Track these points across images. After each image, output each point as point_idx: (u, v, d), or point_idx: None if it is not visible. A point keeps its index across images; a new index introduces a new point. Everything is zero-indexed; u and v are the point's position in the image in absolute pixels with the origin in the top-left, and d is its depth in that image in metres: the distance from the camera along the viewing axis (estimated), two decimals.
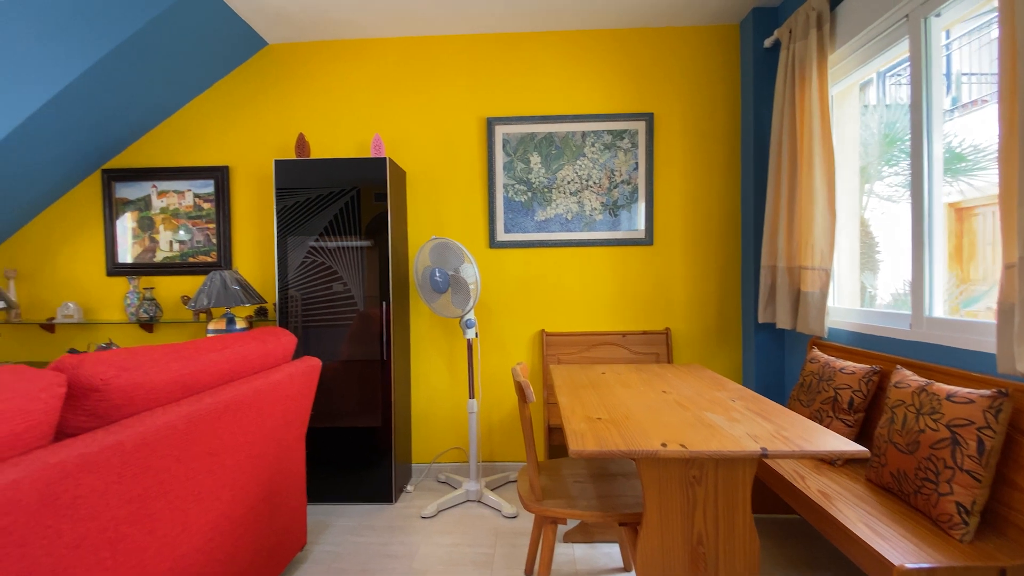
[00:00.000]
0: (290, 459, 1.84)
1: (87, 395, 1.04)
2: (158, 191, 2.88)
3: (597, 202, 2.79)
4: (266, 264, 2.88)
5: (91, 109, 2.52)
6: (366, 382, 2.51)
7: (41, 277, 2.98)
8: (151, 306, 2.77)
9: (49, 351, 2.98)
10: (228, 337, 1.59)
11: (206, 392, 1.37)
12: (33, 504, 0.83)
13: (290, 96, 2.84)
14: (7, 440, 0.87)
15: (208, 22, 2.47)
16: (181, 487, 1.22)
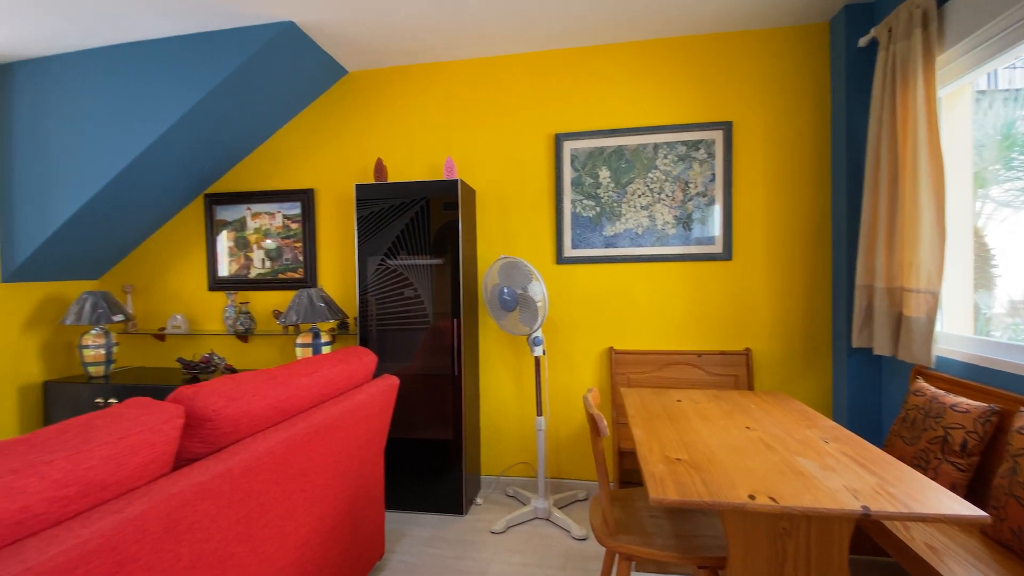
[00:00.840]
0: (371, 474, 1.94)
1: (201, 424, 1.15)
2: (252, 213, 3.13)
3: (670, 215, 2.70)
4: (346, 280, 3.05)
5: (195, 141, 2.79)
6: (437, 395, 2.58)
7: (153, 291, 3.34)
8: (246, 319, 3.02)
9: (160, 358, 3.33)
10: (316, 360, 1.70)
11: (299, 416, 1.47)
12: (158, 532, 0.93)
13: (369, 120, 2.99)
14: (136, 471, 0.98)
15: (294, 56, 2.65)
16: (278, 506, 1.31)
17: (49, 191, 2.77)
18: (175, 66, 2.57)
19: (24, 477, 0.79)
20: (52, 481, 0.82)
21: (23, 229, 2.81)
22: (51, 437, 0.88)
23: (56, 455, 0.84)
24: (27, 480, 0.79)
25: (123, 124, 2.66)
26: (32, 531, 0.79)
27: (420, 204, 2.56)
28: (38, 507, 0.80)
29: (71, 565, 0.77)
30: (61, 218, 2.75)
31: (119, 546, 0.85)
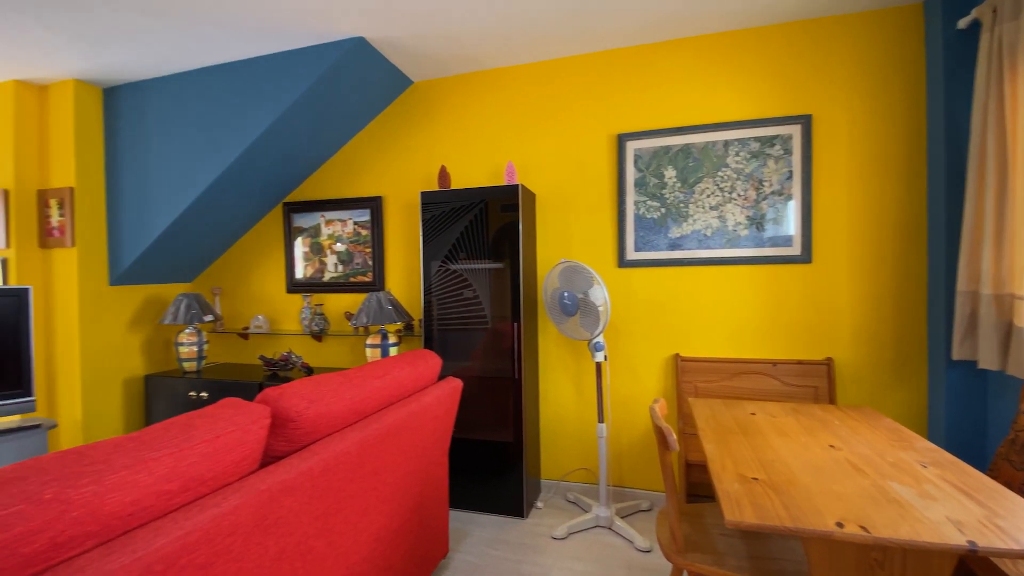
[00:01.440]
0: (436, 474, 1.99)
1: (285, 425, 1.23)
2: (326, 220, 3.31)
3: (742, 216, 2.56)
4: (411, 283, 3.15)
5: (275, 153, 2.98)
6: (497, 397, 2.61)
7: (238, 293, 3.61)
8: (321, 320, 3.20)
9: (244, 355, 3.59)
10: (387, 363, 1.76)
11: (372, 417, 1.53)
12: (249, 525, 1.00)
13: (433, 128, 3.07)
14: (230, 468, 1.06)
15: (364, 69, 2.76)
16: (353, 504, 1.38)
17: (149, 204, 3.06)
18: (258, 84, 2.76)
19: (136, 472, 0.87)
20: (159, 476, 0.90)
21: (128, 238, 3.13)
22: (158, 435, 0.97)
23: (162, 452, 0.93)
24: (138, 475, 0.87)
25: (212, 140, 2.89)
26: (141, 522, 0.87)
27: (482, 209, 2.60)
28: (147, 500, 0.88)
29: (175, 556, 0.84)
30: (160, 227, 3.04)
31: (215, 538, 0.92)
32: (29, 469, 0.79)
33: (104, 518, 0.80)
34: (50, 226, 3.05)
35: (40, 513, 0.73)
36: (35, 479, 0.76)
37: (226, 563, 0.95)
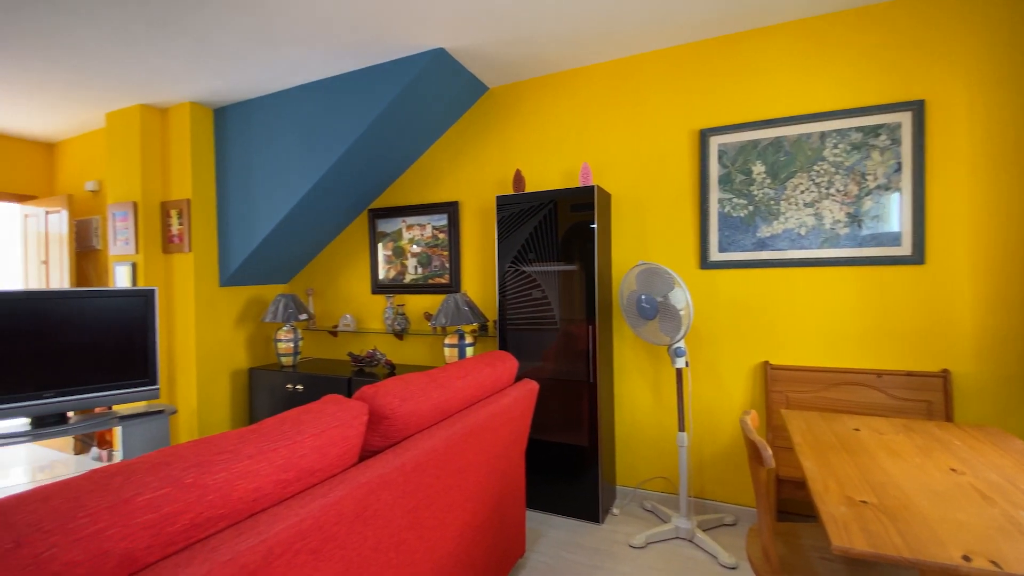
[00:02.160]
0: (514, 474, 2.02)
1: (381, 421, 1.31)
2: (406, 225, 3.46)
3: (841, 213, 2.37)
4: (486, 285, 3.21)
5: (361, 163, 3.16)
6: (571, 400, 2.60)
7: (328, 294, 3.86)
8: (402, 319, 3.35)
9: (334, 351, 3.84)
10: (468, 364, 1.81)
11: (456, 416, 1.58)
12: (351, 515, 1.07)
13: (507, 133, 3.11)
14: (335, 461, 1.14)
15: (443, 79, 2.86)
16: (440, 499, 1.43)
17: (253, 212, 3.36)
18: (347, 99, 2.95)
19: (258, 462, 0.96)
20: (277, 466, 0.99)
21: (235, 243, 3.45)
22: (274, 427, 1.06)
23: (279, 444, 1.02)
24: (260, 465, 0.96)
25: (307, 153, 3.12)
26: (263, 507, 0.97)
27: (555, 211, 2.60)
28: (267, 488, 0.97)
29: (291, 540, 0.92)
30: (262, 234, 3.33)
31: (324, 526, 1.00)
32: (172, 455, 0.89)
33: (233, 503, 0.90)
34: (171, 234, 3.44)
35: (182, 496, 0.83)
36: (178, 465, 0.86)
37: (332, 550, 1.02)
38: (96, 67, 2.82)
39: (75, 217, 3.92)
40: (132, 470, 0.82)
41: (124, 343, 2.95)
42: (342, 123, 2.97)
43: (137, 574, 0.75)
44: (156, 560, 0.78)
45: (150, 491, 0.79)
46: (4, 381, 2.61)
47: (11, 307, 2.63)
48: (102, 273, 3.88)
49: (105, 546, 0.71)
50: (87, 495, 0.74)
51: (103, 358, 2.89)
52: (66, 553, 0.67)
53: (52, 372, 2.74)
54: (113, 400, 2.92)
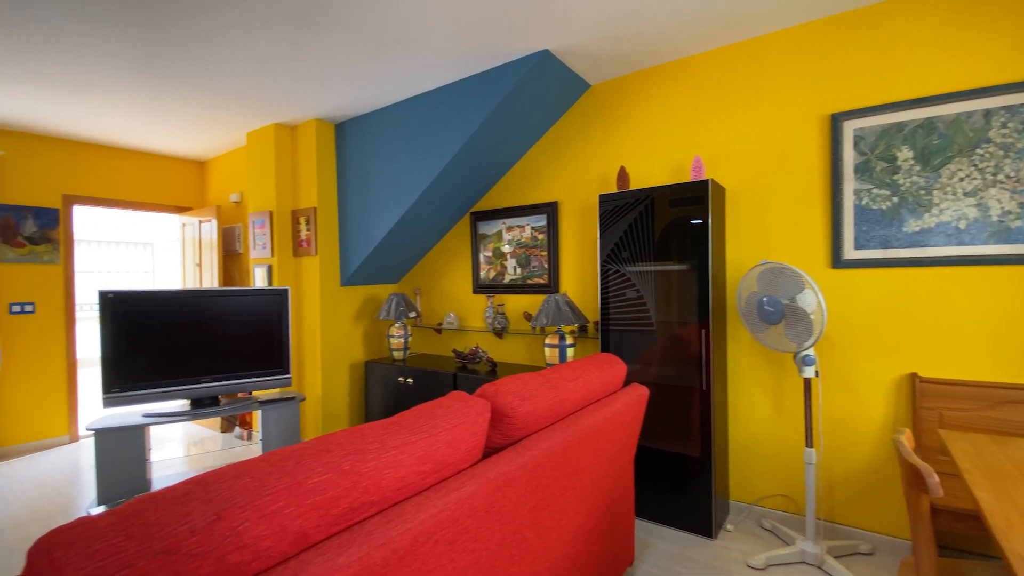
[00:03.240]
0: (625, 480, 1.97)
1: (502, 419, 1.34)
2: (506, 226, 3.53)
3: (1012, 203, 2.01)
4: (585, 285, 3.18)
5: (466, 169, 3.27)
6: (680, 408, 2.48)
7: (433, 293, 4.05)
8: (502, 319, 3.42)
9: (438, 347, 4.02)
10: (578, 366, 1.80)
11: (569, 419, 1.58)
12: (482, 510, 1.11)
13: (609, 130, 3.05)
14: (464, 456, 1.18)
15: (547, 80, 2.86)
16: (557, 500, 1.43)
17: (369, 218, 3.62)
18: (454, 108, 3.06)
19: (402, 453, 1.02)
20: (416, 458, 1.05)
21: (354, 247, 3.74)
22: (412, 421, 1.12)
23: (418, 437, 1.08)
24: (403, 455, 1.02)
25: (417, 161, 3.30)
26: (405, 496, 1.02)
27: (663, 208, 2.49)
28: (409, 478, 1.03)
29: (432, 530, 0.97)
30: (377, 238, 3.57)
31: (459, 519, 1.03)
32: (331, 442, 0.98)
33: (383, 490, 0.96)
34: (300, 239, 3.81)
35: (342, 481, 0.90)
36: (337, 452, 0.94)
37: (465, 542, 1.06)
38: (239, 93, 3.21)
39: (222, 225, 4.50)
40: (301, 455, 0.91)
41: (263, 336, 3.31)
42: (448, 132, 3.09)
43: (308, 550, 0.82)
44: (323, 539, 0.86)
45: (317, 475, 0.87)
46: (170, 367, 3.05)
47: (175, 304, 3.06)
48: (244, 274, 4.40)
49: (284, 523, 0.79)
50: (268, 476, 0.83)
51: (246, 349, 3.27)
52: (255, 527, 0.76)
53: (207, 360, 3.15)
54: (254, 386, 3.29)
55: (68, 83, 3.00)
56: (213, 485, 0.79)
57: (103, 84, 3.03)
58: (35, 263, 3.93)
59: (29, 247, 3.89)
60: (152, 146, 4.38)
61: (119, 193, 4.41)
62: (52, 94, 3.17)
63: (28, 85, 3.02)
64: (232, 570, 0.72)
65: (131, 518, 0.68)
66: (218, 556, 0.70)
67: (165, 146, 4.39)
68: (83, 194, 4.19)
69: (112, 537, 0.64)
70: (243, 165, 4.48)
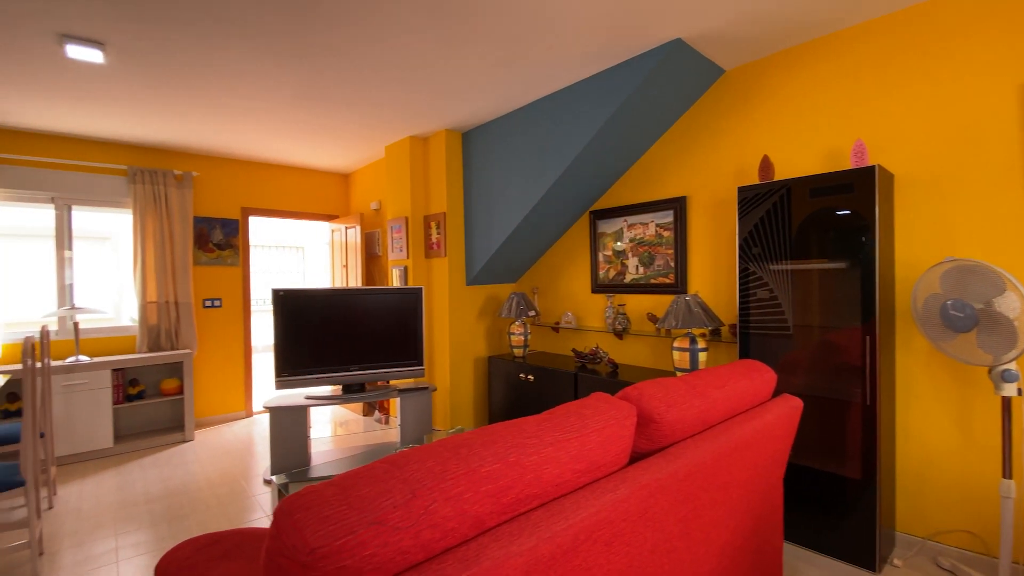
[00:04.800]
0: (773, 498, 1.82)
1: (647, 424, 1.31)
2: (628, 224, 3.45)
3: None
4: (717, 286, 2.98)
5: (586, 169, 3.25)
6: (837, 423, 2.22)
7: (550, 293, 4.10)
8: (623, 319, 3.36)
9: (555, 346, 4.06)
10: (722, 373, 1.70)
11: (717, 428, 1.50)
12: (636, 515, 1.10)
13: (748, 118, 2.83)
14: (613, 458, 1.17)
15: (678, 70, 2.74)
16: (706, 513, 1.37)
17: (493, 221, 3.77)
18: (577, 108, 3.07)
19: (559, 449, 1.05)
20: (571, 456, 1.07)
21: (478, 249, 3.92)
22: (563, 420, 1.15)
23: (571, 435, 1.10)
24: (560, 452, 1.05)
25: (539, 164, 3.35)
26: (562, 493, 1.05)
27: (816, 200, 2.25)
28: (565, 475, 1.05)
29: (590, 529, 0.98)
30: (500, 239, 3.70)
31: (614, 521, 1.04)
32: (493, 434, 1.04)
33: (543, 484, 1.00)
34: (431, 242, 4.09)
35: (509, 472, 0.95)
36: (501, 444, 1.00)
37: (619, 545, 1.06)
38: (380, 110, 3.53)
39: (364, 230, 4.99)
40: (470, 444, 0.97)
41: (400, 330, 3.61)
42: (571, 132, 3.10)
43: (484, 534, 0.88)
44: (495, 525, 0.91)
45: (488, 464, 0.93)
46: (326, 356, 3.44)
47: (330, 300, 3.45)
48: (383, 274, 4.84)
49: (465, 507, 0.86)
50: (448, 461, 0.90)
51: (386, 341, 3.58)
52: (442, 508, 0.83)
53: (355, 350, 3.51)
54: (392, 376, 3.59)
55: (244, 111, 3.54)
56: (405, 466, 0.87)
57: (271, 110, 3.53)
58: (221, 265, 4.70)
59: (217, 252, 4.67)
60: (307, 162, 5.01)
61: (282, 204, 5.11)
62: (232, 122, 3.76)
63: (215, 116, 3.62)
64: (425, 545, 0.80)
65: (347, 490, 0.79)
66: (416, 531, 0.78)
67: (317, 162, 4.98)
68: (256, 206, 4.92)
69: (337, 506, 0.75)
70: (382, 176, 4.92)
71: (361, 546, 0.72)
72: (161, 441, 4.10)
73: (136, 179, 4.16)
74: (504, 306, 3.87)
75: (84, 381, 3.73)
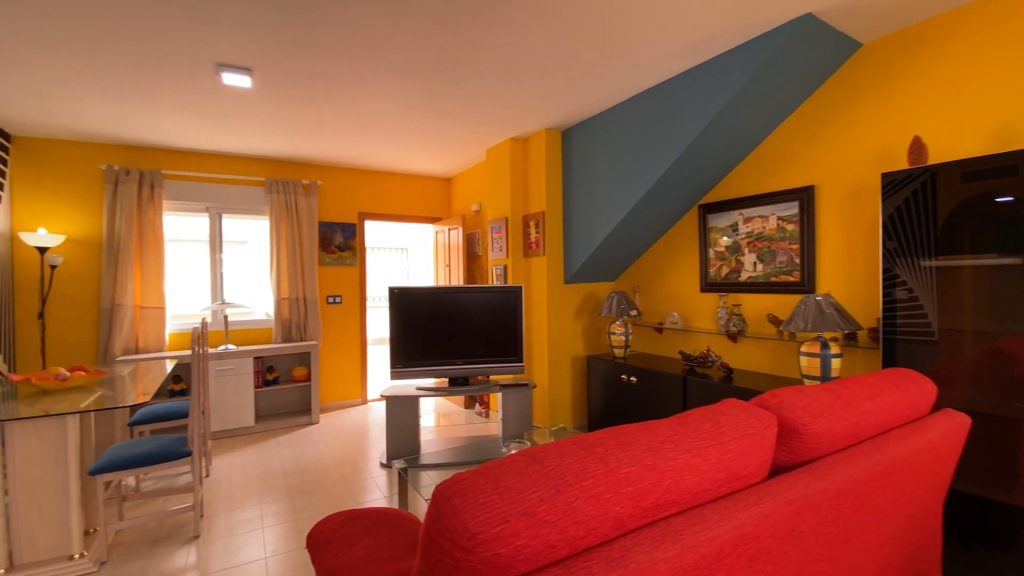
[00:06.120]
0: (931, 526, 1.60)
1: (790, 435, 1.21)
2: (743, 218, 3.22)
3: None
4: (854, 284, 2.68)
5: (695, 161, 3.09)
6: (1010, 445, 1.89)
7: (652, 291, 3.95)
8: (738, 321, 3.14)
9: (658, 347, 3.91)
10: (871, 381, 1.52)
11: (869, 444, 1.34)
12: (782, 532, 1.01)
13: (892, 95, 2.51)
14: (753, 470, 1.10)
15: (806, 48, 2.50)
16: (857, 537, 1.23)
17: (593, 218, 3.71)
18: (686, 97, 2.92)
19: (695, 456, 1.00)
20: (711, 464, 1.01)
21: (577, 247, 3.89)
22: (697, 425, 1.09)
23: (708, 442, 1.04)
24: (697, 459, 1.00)
25: (644, 159, 3.25)
26: (701, 502, 1.00)
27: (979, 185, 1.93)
28: (704, 484, 1.00)
29: (735, 542, 0.92)
30: (600, 237, 3.64)
31: (760, 536, 0.97)
32: (626, 435, 1.01)
33: (682, 492, 0.96)
34: (530, 241, 4.14)
35: (647, 476, 0.92)
36: (637, 446, 0.97)
37: (763, 563, 0.99)
38: (486, 116, 3.63)
39: (466, 231, 5.18)
40: (605, 444, 0.96)
41: (500, 327, 3.69)
42: (680, 123, 2.96)
43: (625, 536, 0.87)
44: (634, 528, 0.90)
45: (625, 466, 0.91)
46: (434, 350, 3.62)
47: (438, 298, 3.61)
48: (482, 274, 5.00)
49: (606, 507, 0.85)
50: (586, 459, 0.90)
51: (487, 338, 3.68)
52: (585, 506, 0.83)
53: (459, 345, 3.65)
54: (494, 371, 3.69)
55: (363, 124, 3.82)
56: (544, 461, 0.89)
57: (386, 121, 3.78)
58: (341, 265, 5.15)
59: (338, 253, 5.11)
60: (414, 169, 5.30)
61: (392, 208, 5.47)
62: (353, 134, 4.08)
63: (339, 129, 3.95)
64: (570, 541, 0.80)
65: (495, 480, 0.82)
66: (562, 527, 0.79)
67: (423, 168, 5.26)
68: (370, 211, 5.31)
69: (489, 494, 0.78)
70: (482, 178, 5.07)
71: (515, 536, 0.74)
72: (292, 422, 4.58)
73: (272, 189, 4.68)
74: (604, 305, 3.80)
75: (232, 367, 4.28)
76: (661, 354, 3.90)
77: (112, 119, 3.63)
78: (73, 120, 3.63)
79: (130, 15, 2.28)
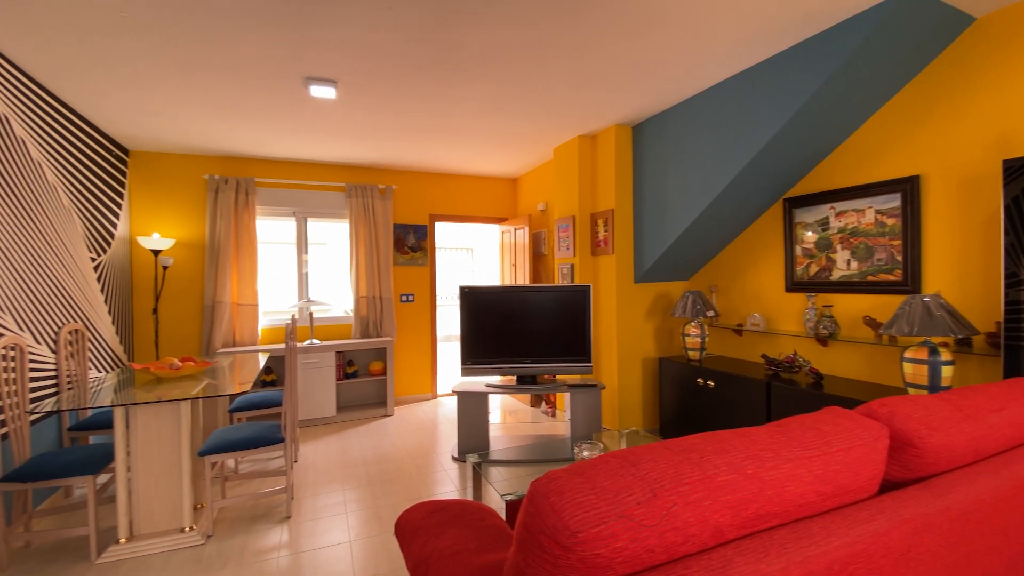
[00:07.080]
0: None
1: (904, 449, 1.11)
2: (836, 212, 2.99)
3: None
4: (968, 285, 2.41)
5: (781, 152, 2.90)
6: None
7: (732, 291, 3.77)
8: (830, 323, 2.92)
9: (737, 350, 3.73)
10: (998, 394, 1.37)
11: (996, 461, 1.21)
12: (897, 552, 0.94)
13: (1012, 75, 2.23)
14: (863, 484, 1.02)
15: (907, 27, 2.29)
16: (981, 562, 1.12)
17: (665, 215, 3.60)
18: (772, 85, 2.76)
19: (798, 467, 0.95)
20: (815, 475, 0.96)
21: (648, 245, 3.79)
22: (799, 433, 1.03)
23: (812, 452, 0.98)
24: (800, 470, 0.95)
25: (721, 152, 3.10)
26: (806, 515, 0.95)
27: None
28: (809, 496, 0.95)
29: (845, 559, 0.86)
30: (674, 235, 3.53)
31: (872, 556, 0.90)
32: (723, 441, 0.98)
33: (784, 503, 0.91)
34: (598, 239, 4.08)
35: (747, 485, 0.89)
36: (735, 453, 0.94)
37: None
38: (556, 114, 3.62)
39: (532, 231, 5.20)
40: (701, 450, 0.93)
41: (568, 327, 3.67)
42: (763, 113, 2.80)
43: (724, 546, 0.84)
44: (735, 538, 0.86)
45: (723, 474, 0.88)
46: (503, 348, 3.66)
47: (504, 297, 3.65)
48: (548, 273, 5.00)
49: (705, 515, 0.83)
50: (681, 464, 0.88)
51: (555, 337, 3.68)
52: (683, 511, 0.81)
53: (528, 344, 3.67)
54: (561, 371, 3.68)
55: (435, 128, 3.94)
56: (638, 464, 0.88)
57: (459, 125, 3.87)
58: (414, 265, 5.35)
59: (410, 254, 5.32)
60: (481, 170, 5.40)
61: (460, 210, 5.60)
62: (425, 139, 4.22)
63: (413, 135, 4.10)
64: (668, 547, 0.79)
65: (591, 480, 0.82)
66: (660, 531, 0.78)
67: (490, 169, 5.34)
68: (440, 212, 5.48)
69: (586, 494, 0.78)
70: (548, 177, 5.07)
71: (614, 537, 0.74)
72: (369, 414, 4.83)
73: (351, 194, 4.95)
74: (678, 305, 3.68)
75: (316, 360, 4.57)
76: (740, 357, 3.71)
77: (213, 133, 3.99)
78: (181, 135, 4.03)
79: (232, 39, 2.49)
